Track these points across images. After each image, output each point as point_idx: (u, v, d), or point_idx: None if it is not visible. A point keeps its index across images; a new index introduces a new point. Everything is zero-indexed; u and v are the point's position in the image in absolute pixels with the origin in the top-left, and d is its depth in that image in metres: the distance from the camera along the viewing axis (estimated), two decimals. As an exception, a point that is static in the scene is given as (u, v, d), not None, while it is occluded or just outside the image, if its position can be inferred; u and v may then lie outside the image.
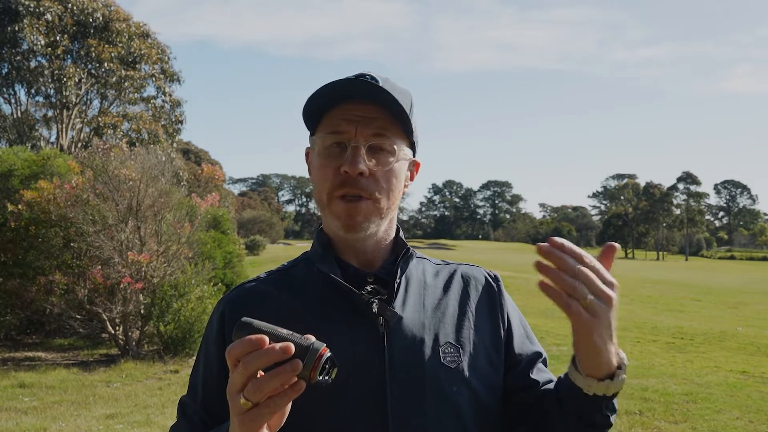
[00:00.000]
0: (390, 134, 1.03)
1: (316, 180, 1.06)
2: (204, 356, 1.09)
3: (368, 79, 1.01)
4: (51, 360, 8.47)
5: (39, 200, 8.47)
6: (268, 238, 51.32)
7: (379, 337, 1.01)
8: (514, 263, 35.04)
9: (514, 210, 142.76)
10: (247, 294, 1.09)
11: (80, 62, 20.06)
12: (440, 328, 1.06)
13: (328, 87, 1.01)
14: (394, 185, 1.05)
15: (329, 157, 1.03)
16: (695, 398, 6.56)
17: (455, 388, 1.03)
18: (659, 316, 14.69)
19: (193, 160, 35.86)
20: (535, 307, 15.66)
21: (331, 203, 1.04)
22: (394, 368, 1.00)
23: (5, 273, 9.04)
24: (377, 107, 1.02)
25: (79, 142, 20.68)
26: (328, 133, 1.03)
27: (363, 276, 1.07)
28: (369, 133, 1.01)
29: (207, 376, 1.07)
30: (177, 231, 8.68)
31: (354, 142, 1.01)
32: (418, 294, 1.09)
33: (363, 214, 1.02)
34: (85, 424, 5.62)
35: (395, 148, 1.04)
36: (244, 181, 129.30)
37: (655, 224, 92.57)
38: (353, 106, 1.02)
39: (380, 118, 1.02)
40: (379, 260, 1.10)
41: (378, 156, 1.03)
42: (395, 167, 1.04)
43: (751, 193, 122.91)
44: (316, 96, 1.02)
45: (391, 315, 1.02)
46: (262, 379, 0.76)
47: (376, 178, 1.02)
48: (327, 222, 1.08)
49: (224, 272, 11.45)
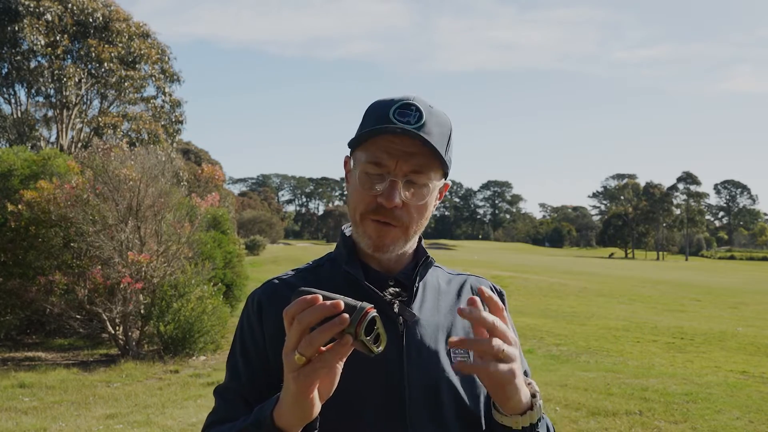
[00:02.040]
0: (427, 170, 1.09)
1: (352, 200, 1.13)
2: (240, 343, 1.14)
3: (413, 115, 1.06)
4: (51, 360, 8.47)
5: (39, 200, 8.46)
6: (268, 238, 51.31)
7: (399, 335, 1.10)
8: (514, 263, 35.04)
9: (514, 210, 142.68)
10: (279, 286, 1.17)
11: (80, 62, 20.04)
12: (452, 330, 1.15)
13: (372, 121, 1.08)
14: (424, 215, 1.13)
15: (367, 183, 1.09)
16: (695, 398, 6.55)
17: (467, 387, 1.11)
18: (659, 316, 14.68)
19: (193, 160, 35.85)
20: (535, 307, 15.66)
21: (363, 222, 1.11)
22: (411, 364, 1.09)
23: (5, 273, 9.04)
24: (418, 142, 1.06)
25: (79, 142, 20.67)
26: (369, 161, 1.08)
27: (385, 279, 1.15)
28: (408, 170, 1.07)
29: (246, 359, 1.12)
30: (177, 231, 8.68)
31: (393, 176, 1.07)
32: (434, 298, 1.18)
33: (391, 238, 1.10)
34: (85, 424, 5.61)
35: (430, 185, 1.10)
36: (244, 181, 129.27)
37: (655, 224, 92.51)
38: (396, 138, 1.07)
39: (420, 154, 1.07)
40: (401, 265, 1.18)
41: (414, 189, 1.09)
42: (429, 201, 1.12)
43: (751, 193, 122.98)
44: (375, 112, 1.09)
45: (410, 315, 1.11)
46: (313, 333, 0.83)
47: (409, 210, 1.09)
48: (357, 236, 1.14)
49: (224, 272, 11.44)
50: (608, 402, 6.33)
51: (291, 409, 0.88)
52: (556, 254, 76.27)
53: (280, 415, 0.90)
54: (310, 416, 0.89)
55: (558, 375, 7.73)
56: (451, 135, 1.14)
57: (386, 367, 1.07)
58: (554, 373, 7.89)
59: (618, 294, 20.12)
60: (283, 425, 0.90)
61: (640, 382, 7.30)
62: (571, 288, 21.14)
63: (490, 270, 25.52)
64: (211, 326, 8.53)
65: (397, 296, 1.13)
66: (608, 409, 6.06)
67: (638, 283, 25.20)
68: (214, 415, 1.11)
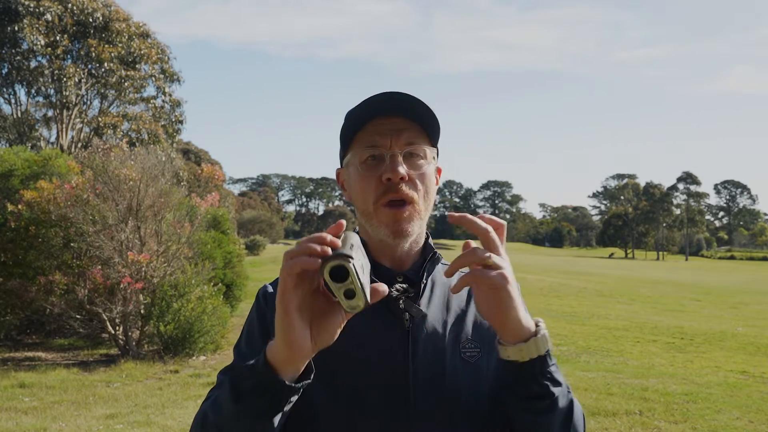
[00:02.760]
0: (419, 141, 1.12)
1: (359, 191, 1.13)
2: (247, 331, 1.16)
3: (395, 94, 1.10)
4: (51, 360, 8.47)
5: (39, 200, 8.46)
6: (268, 238, 51.32)
7: (405, 332, 1.10)
8: (514, 263, 34.77)
9: (514, 210, 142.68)
10: None
11: (80, 62, 20.05)
12: (461, 327, 1.15)
13: (363, 105, 1.11)
14: (429, 187, 1.14)
15: (369, 169, 1.11)
16: (695, 398, 6.55)
17: (474, 382, 1.10)
18: (659, 316, 14.68)
19: (193, 160, 35.83)
20: (535, 307, 15.65)
21: (377, 212, 1.11)
22: (416, 361, 1.09)
23: (5, 273, 9.04)
24: (405, 119, 1.11)
25: (79, 142, 20.67)
26: (365, 147, 1.11)
27: (393, 275, 1.14)
28: (403, 143, 1.10)
29: (250, 346, 1.13)
30: (177, 231, 8.68)
31: (391, 152, 1.10)
32: (442, 295, 1.18)
33: (407, 218, 1.10)
34: (85, 424, 5.61)
35: (426, 152, 1.13)
36: (244, 181, 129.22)
37: (655, 224, 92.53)
38: (383, 120, 1.11)
39: (410, 128, 1.11)
40: (409, 262, 1.18)
41: (413, 162, 1.11)
42: (428, 171, 1.13)
43: (751, 193, 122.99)
44: (352, 115, 1.12)
45: (416, 312, 1.11)
46: (286, 254, 0.87)
47: (414, 182, 1.11)
48: (373, 229, 1.14)
49: (224, 272, 11.44)
50: (608, 402, 6.33)
51: (277, 338, 0.88)
52: (556, 254, 76.26)
53: (271, 350, 0.90)
54: (294, 347, 0.87)
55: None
56: (436, 117, 1.15)
57: (392, 364, 1.08)
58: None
59: (618, 294, 20.13)
60: (273, 359, 0.89)
61: (640, 382, 7.30)
62: (571, 288, 21.15)
63: (490, 270, 25.47)
64: (211, 326, 8.53)
65: (404, 292, 1.13)
66: (608, 409, 6.06)
67: (638, 283, 25.21)
68: (214, 390, 1.09)
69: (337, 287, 0.82)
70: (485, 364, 1.12)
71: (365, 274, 0.86)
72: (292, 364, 0.90)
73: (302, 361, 0.90)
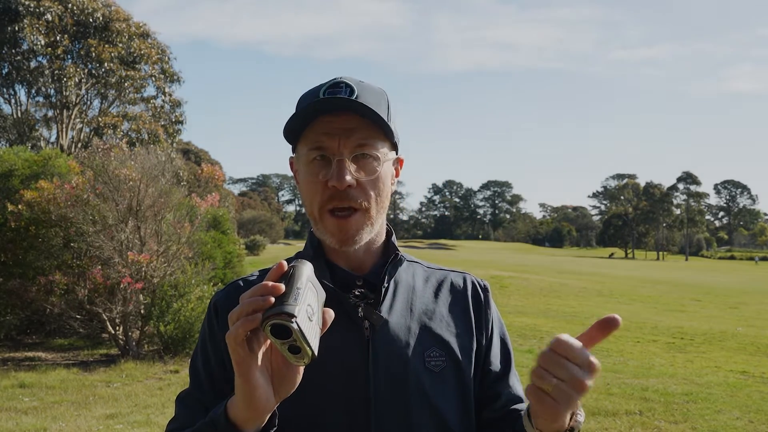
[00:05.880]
0: (372, 141, 1.03)
1: (305, 193, 1.06)
2: (201, 349, 1.10)
3: (343, 90, 1.02)
4: (51, 360, 8.47)
5: (39, 200, 8.46)
6: (268, 238, 51.31)
7: (365, 340, 1.03)
8: (514, 263, 35.03)
9: (514, 210, 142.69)
10: (240, 289, 1.08)
11: (80, 62, 20.04)
12: (427, 332, 1.08)
13: (304, 105, 1.02)
14: (381, 191, 1.06)
15: (314, 172, 1.03)
16: (695, 398, 6.56)
17: (439, 393, 1.05)
18: (659, 316, 14.69)
19: (193, 160, 35.85)
20: (535, 307, 15.65)
21: (322, 218, 1.04)
22: (378, 371, 1.02)
23: (5, 273, 9.04)
24: (356, 116, 1.02)
25: (79, 142, 20.67)
26: (311, 148, 1.03)
27: (353, 279, 1.08)
28: (352, 145, 1.01)
29: (206, 365, 1.08)
30: (177, 231, 8.68)
31: (338, 156, 1.01)
32: (405, 299, 1.10)
33: (355, 227, 1.03)
34: (85, 424, 5.62)
35: (379, 154, 1.04)
36: (244, 181, 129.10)
37: (655, 224, 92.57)
38: (332, 117, 1.01)
39: (360, 127, 1.02)
40: (369, 264, 1.10)
41: (363, 164, 1.03)
42: (381, 172, 1.05)
43: (751, 193, 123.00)
44: (294, 116, 1.03)
45: (376, 319, 1.04)
46: (231, 314, 0.80)
47: (363, 188, 1.03)
48: (319, 234, 1.08)
49: (224, 272, 11.45)
50: (608, 402, 6.33)
51: (238, 400, 0.83)
52: (556, 254, 76.27)
53: (233, 408, 0.85)
54: (258, 408, 0.83)
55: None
56: (389, 104, 1.07)
57: (352, 375, 1.02)
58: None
59: (618, 294, 20.15)
60: (235, 417, 0.85)
61: (640, 382, 7.30)
62: (571, 288, 21.15)
63: (489, 270, 25.52)
64: (211, 326, 8.52)
65: (363, 298, 1.06)
66: (608, 409, 6.06)
67: (638, 283, 25.22)
68: (174, 422, 1.05)
69: (279, 343, 0.77)
70: (451, 373, 1.07)
71: (315, 318, 0.81)
72: (255, 420, 0.85)
73: (266, 414, 0.85)
